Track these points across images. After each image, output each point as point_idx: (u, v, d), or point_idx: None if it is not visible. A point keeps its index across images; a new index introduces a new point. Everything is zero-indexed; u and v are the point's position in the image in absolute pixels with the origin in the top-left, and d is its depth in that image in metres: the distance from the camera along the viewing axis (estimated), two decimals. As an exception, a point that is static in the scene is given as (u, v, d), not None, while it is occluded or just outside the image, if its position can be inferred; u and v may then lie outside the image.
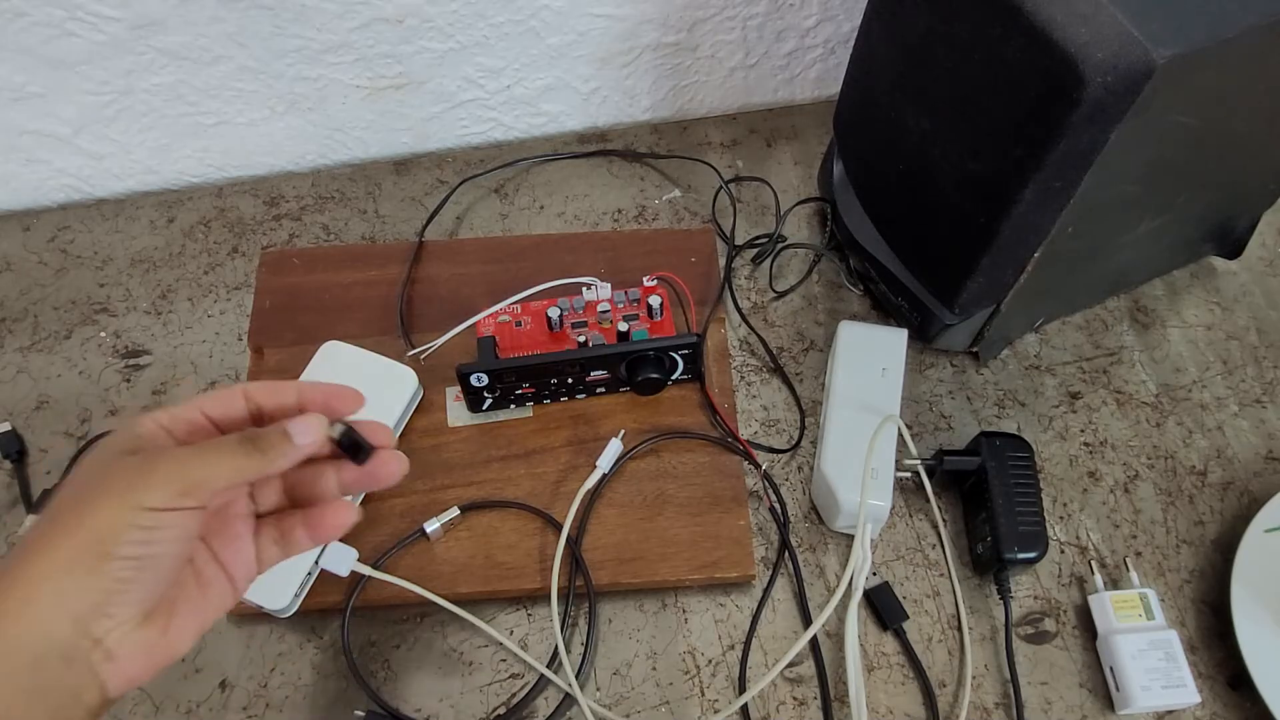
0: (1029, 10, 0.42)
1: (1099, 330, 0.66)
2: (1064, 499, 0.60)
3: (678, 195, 0.73)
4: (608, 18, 0.69)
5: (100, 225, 0.70)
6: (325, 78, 0.68)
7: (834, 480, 0.55)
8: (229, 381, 0.63)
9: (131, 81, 0.65)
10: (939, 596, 0.56)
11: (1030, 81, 0.43)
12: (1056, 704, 0.53)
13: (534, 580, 0.54)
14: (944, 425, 0.62)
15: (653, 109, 0.78)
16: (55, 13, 0.59)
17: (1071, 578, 0.57)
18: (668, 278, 0.63)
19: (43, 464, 0.60)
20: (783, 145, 0.76)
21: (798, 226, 0.71)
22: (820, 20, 0.74)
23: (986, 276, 0.54)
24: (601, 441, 0.58)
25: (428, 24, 0.66)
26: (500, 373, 0.56)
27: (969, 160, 0.50)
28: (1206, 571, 0.57)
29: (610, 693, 0.53)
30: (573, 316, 0.62)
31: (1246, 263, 0.69)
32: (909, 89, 0.53)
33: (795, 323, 0.66)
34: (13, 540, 0.57)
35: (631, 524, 0.56)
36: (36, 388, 0.63)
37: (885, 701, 0.53)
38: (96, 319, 0.66)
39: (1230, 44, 0.42)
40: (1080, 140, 0.44)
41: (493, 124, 0.75)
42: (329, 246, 0.69)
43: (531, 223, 0.71)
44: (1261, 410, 0.63)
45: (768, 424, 0.62)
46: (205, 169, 0.73)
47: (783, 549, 0.57)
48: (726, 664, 0.54)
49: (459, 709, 0.52)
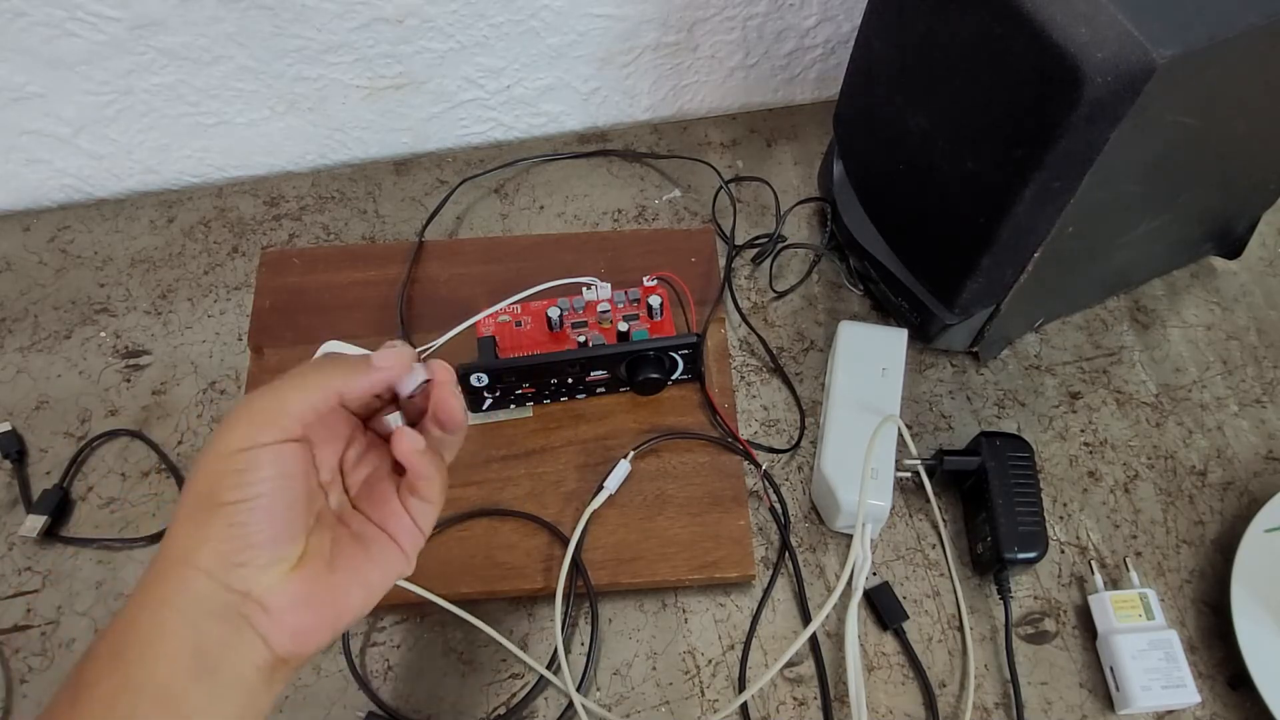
0: (1029, 10, 0.42)
1: (1099, 330, 0.66)
2: (1064, 499, 0.60)
3: (678, 195, 0.73)
4: (608, 18, 0.69)
5: (100, 225, 0.70)
6: (325, 78, 0.68)
7: (834, 480, 0.55)
8: (229, 382, 0.63)
9: (131, 81, 0.65)
10: (939, 596, 0.56)
11: (1030, 81, 0.43)
12: (1056, 704, 0.53)
13: (534, 580, 0.54)
14: (944, 425, 0.62)
15: (653, 109, 0.78)
16: (55, 13, 0.59)
17: (1071, 578, 0.57)
18: (668, 278, 0.63)
19: (43, 464, 0.60)
20: (783, 145, 0.76)
21: (798, 226, 0.71)
22: (820, 20, 0.74)
23: (986, 276, 0.54)
24: (601, 441, 0.58)
25: (428, 24, 0.66)
26: (500, 372, 0.56)
27: (969, 160, 0.50)
28: (1206, 571, 0.57)
29: (610, 693, 0.53)
30: (573, 316, 0.62)
31: (1246, 263, 0.69)
32: (909, 89, 0.53)
33: (795, 323, 0.66)
34: (12, 540, 0.57)
35: (631, 524, 0.56)
36: (36, 388, 0.63)
37: (885, 701, 0.53)
38: (96, 319, 0.66)
39: (1230, 44, 0.42)
40: (1080, 140, 0.44)
41: (493, 124, 0.75)
42: (329, 246, 0.69)
43: (531, 223, 0.71)
44: (1261, 410, 0.63)
45: (768, 424, 0.62)
46: (205, 169, 0.73)
47: (783, 549, 0.57)
48: (726, 664, 0.54)
49: (459, 709, 0.52)
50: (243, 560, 0.34)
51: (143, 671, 0.32)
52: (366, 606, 0.37)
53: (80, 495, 0.58)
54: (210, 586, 0.33)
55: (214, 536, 0.34)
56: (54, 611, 0.55)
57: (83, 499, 0.58)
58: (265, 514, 0.34)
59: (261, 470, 0.34)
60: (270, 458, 0.34)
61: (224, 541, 0.34)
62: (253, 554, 0.34)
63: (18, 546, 0.57)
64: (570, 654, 0.53)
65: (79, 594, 0.55)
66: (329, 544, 0.36)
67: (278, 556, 0.35)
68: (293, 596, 0.35)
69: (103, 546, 0.57)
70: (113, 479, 0.59)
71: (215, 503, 0.34)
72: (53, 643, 0.54)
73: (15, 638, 0.54)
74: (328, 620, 0.36)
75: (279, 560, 0.35)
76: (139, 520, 0.58)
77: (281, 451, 0.35)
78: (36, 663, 0.53)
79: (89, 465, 0.60)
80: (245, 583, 0.34)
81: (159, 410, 0.62)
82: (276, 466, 0.34)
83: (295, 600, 0.35)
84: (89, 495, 0.58)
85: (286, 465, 0.35)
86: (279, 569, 0.35)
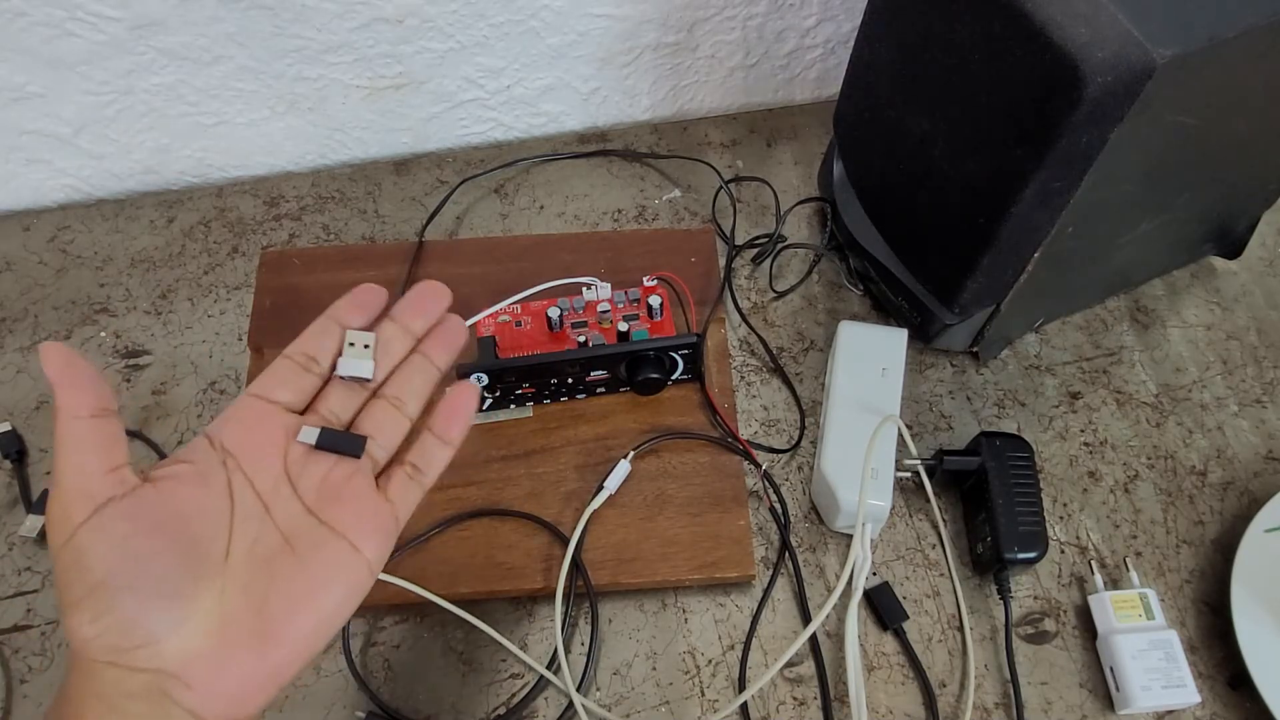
0: (1029, 10, 0.42)
1: (1099, 330, 0.66)
2: (1064, 499, 0.60)
3: (678, 195, 0.73)
4: (608, 18, 0.69)
5: (100, 225, 0.70)
6: (325, 78, 0.68)
7: (834, 480, 0.55)
8: (229, 382, 0.63)
9: (131, 81, 0.65)
10: (939, 596, 0.56)
11: (1030, 81, 0.43)
12: (1056, 704, 0.53)
13: (534, 580, 0.54)
14: (944, 425, 0.62)
15: (653, 109, 0.78)
16: (55, 13, 0.59)
17: (1071, 578, 0.57)
18: (668, 278, 0.63)
19: (43, 464, 0.60)
20: (783, 145, 0.76)
21: (798, 226, 0.71)
22: (820, 20, 0.74)
23: (986, 276, 0.54)
24: (601, 441, 0.58)
25: (428, 24, 0.66)
26: (500, 373, 0.56)
27: (969, 160, 0.50)
28: (1206, 571, 0.57)
29: (610, 693, 0.53)
30: (573, 316, 0.62)
31: (1246, 263, 0.69)
32: (909, 89, 0.53)
33: (795, 323, 0.66)
34: (12, 540, 0.57)
35: (631, 524, 0.56)
36: (36, 388, 0.63)
37: (885, 701, 0.53)
38: (96, 319, 0.66)
39: (1230, 44, 0.42)
40: (1080, 140, 0.44)
41: (493, 124, 0.75)
42: (329, 246, 0.69)
43: (531, 223, 0.71)
44: (1261, 410, 0.63)
45: (768, 424, 0.62)
46: (205, 169, 0.73)
47: (783, 549, 0.57)
48: (726, 664, 0.54)
49: (459, 709, 0.52)
50: (132, 643, 0.30)
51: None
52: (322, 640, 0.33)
53: (80, 495, 0.58)
54: (117, 673, 0.30)
55: (89, 634, 0.29)
56: (54, 611, 0.55)
57: (83, 499, 0.58)
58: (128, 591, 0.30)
59: (91, 551, 0.30)
60: (91, 537, 0.30)
61: (101, 636, 0.29)
62: (140, 634, 0.30)
63: (18, 546, 0.57)
64: (570, 654, 0.53)
65: (79, 594, 0.55)
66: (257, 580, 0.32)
67: (172, 622, 0.30)
68: (214, 660, 0.30)
69: (103, 546, 0.57)
70: (113, 479, 0.59)
71: (70, 603, 0.30)
72: (52, 643, 0.54)
73: (15, 638, 0.54)
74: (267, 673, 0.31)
75: (178, 624, 0.30)
76: (139, 520, 0.58)
77: (104, 518, 0.30)
78: (36, 663, 0.53)
79: (89, 465, 0.59)
80: (152, 660, 0.30)
81: (159, 410, 0.62)
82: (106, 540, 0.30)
83: (218, 663, 0.30)
84: (89, 495, 0.58)
85: (118, 530, 0.30)
86: (185, 631, 0.30)
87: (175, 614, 0.30)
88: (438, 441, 0.38)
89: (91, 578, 0.30)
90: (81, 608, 0.30)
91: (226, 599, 0.31)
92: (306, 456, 0.35)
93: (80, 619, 0.30)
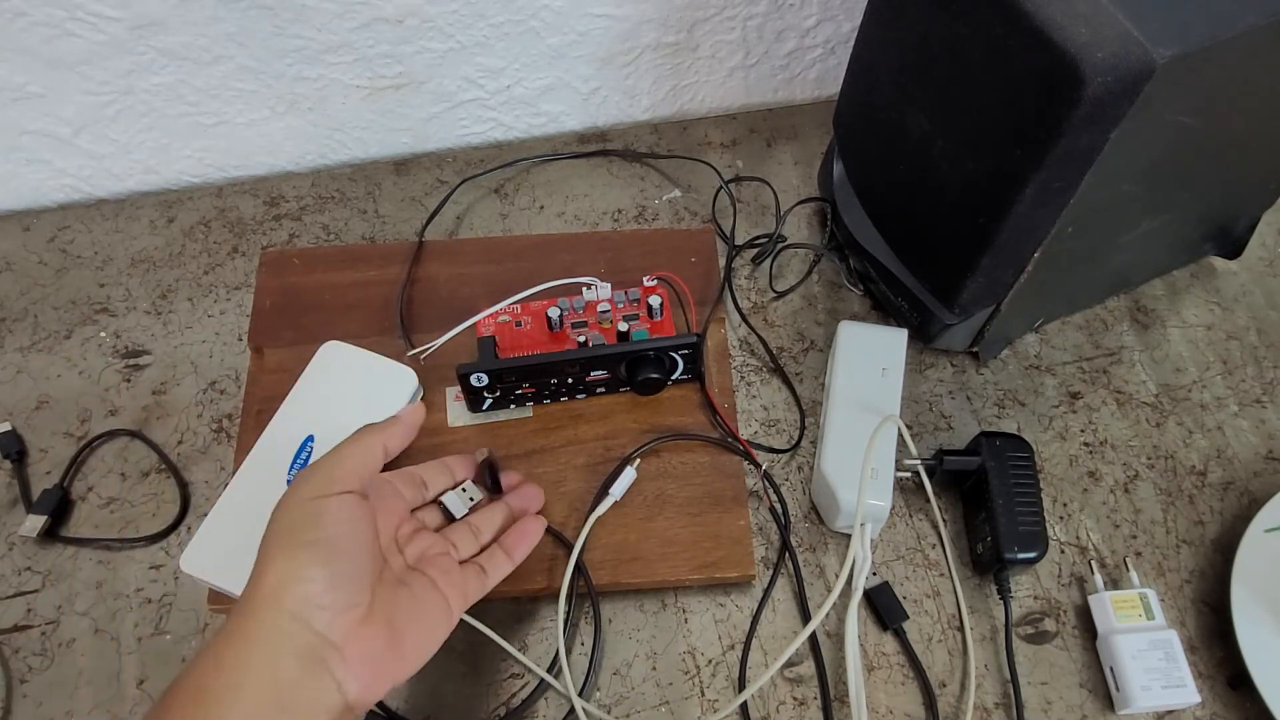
0: (1029, 10, 0.42)
1: (1099, 330, 0.66)
2: (1064, 499, 0.60)
3: (678, 195, 0.73)
4: (608, 18, 0.69)
5: (100, 225, 0.70)
6: (325, 78, 0.68)
7: (834, 480, 0.55)
8: (229, 382, 0.63)
9: (131, 81, 0.65)
10: (939, 596, 0.56)
11: (1030, 81, 0.43)
12: (1056, 704, 0.53)
13: (535, 581, 0.54)
14: (944, 425, 0.62)
15: (653, 109, 0.78)
16: (55, 13, 0.59)
17: (1071, 578, 0.57)
18: (668, 278, 0.63)
19: (43, 464, 0.60)
20: (783, 145, 0.76)
21: (798, 226, 0.71)
22: (820, 20, 0.74)
23: (986, 276, 0.54)
24: (602, 441, 0.58)
25: (428, 24, 0.66)
26: (500, 373, 0.56)
27: (969, 160, 0.50)
28: (1206, 571, 0.57)
29: (610, 693, 0.53)
30: (573, 316, 0.62)
31: (1246, 263, 0.69)
32: (909, 89, 0.53)
33: (795, 323, 0.66)
34: (12, 540, 0.57)
35: (631, 524, 0.56)
36: (36, 388, 0.63)
37: (885, 701, 0.53)
38: (96, 319, 0.66)
39: (1230, 44, 0.42)
40: (1080, 140, 0.44)
41: (493, 124, 0.75)
42: (329, 246, 0.69)
43: (531, 223, 0.71)
44: (1261, 410, 0.63)
45: (768, 424, 0.62)
46: (205, 169, 0.73)
47: (783, 549, 0.57)
48: (726, 664, 0.54)
49: (459, 709, 0.52)
50: (325, 602, 0.37)
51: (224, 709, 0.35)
52: (418, 663, 0.41)
53: (80, 495, 0.58)
54: (294, 627, 0.36)
55: (300, 576, 0.37)
56: (54, 611, 0.55)
57: (83, 499, 0.58)
58: (342, 555, 0.39)
59: (332, 514, 0.39)
60: (337, 505, 0.40)
61: (308, 581, 0.37)
62: (333, 595, 0.38)
63: (18, 546, 0.57)
64: (570, 654, 0.53)
65: (79, 594, 0.55)
66: (390, 601, 0.40)
67: (352, 601, 0.38)
68: (364, 645, 0.38)
69: (103, 546, 0.57)
70: (112, 479, 0.59)
71: (297, 542, 0.38)
72: (53, 643, 0.54)
73: (15, 638, 0.54)
74: (390, 672, 0.39)
75: (353, 605, 0.38)
76: (139, 520, 0.58)
77: (346, 500, 0.40)
78: (36, 663, 0.53)
79: (89, 465, 0.60)
80: (326, 626, 0.37)
81: (159, 410, 0.62)
82: (344, 512, 0.40)
83: (366, 649, 0.38)
84: (89, 495, 0.58)
85: (352, 512, 0.40)
86: (353, 615, 0.38)
87: (357, 596, 0.39)
88: (505, 556, 0.49)
89: (325, 532, 0.39)
90: (304, 553, 0.38)
91: (375, 605, 0.39)
92: (409, 535, 0.46)
93: (300, 560, 0.38)
